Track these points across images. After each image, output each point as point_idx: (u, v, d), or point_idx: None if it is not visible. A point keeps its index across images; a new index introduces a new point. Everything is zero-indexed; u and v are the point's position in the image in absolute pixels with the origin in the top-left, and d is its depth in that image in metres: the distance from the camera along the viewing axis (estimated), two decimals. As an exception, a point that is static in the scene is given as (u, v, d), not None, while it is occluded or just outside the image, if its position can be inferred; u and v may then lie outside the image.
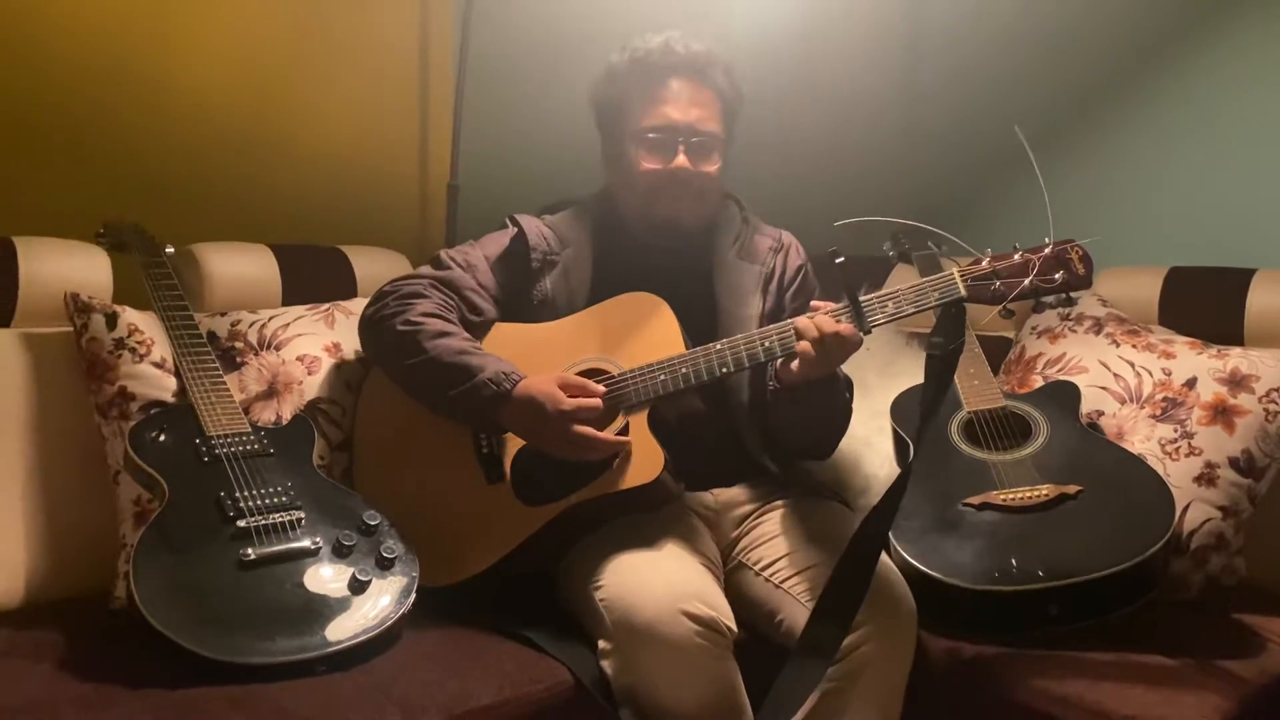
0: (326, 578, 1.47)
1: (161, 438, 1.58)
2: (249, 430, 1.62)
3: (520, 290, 1.76)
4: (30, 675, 1.38)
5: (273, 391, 1.77)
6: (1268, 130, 2.25)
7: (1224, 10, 2.31)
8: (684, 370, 1.58)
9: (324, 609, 1.43)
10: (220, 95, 2.14)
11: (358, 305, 1.89)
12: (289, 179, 2.23)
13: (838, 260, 1.51)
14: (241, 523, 1.48)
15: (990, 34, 2.67)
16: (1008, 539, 1.64)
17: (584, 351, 1.68)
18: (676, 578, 1.51)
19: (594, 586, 1.53)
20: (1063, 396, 1.91)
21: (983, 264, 1.51)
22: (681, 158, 1.71)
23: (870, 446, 1.99)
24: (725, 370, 1.58)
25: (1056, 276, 1.48)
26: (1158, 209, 2.40)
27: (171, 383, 1.70)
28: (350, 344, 1.86)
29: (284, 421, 1.73)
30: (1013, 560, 1.60)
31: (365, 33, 2.32)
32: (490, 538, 1.61)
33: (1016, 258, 1.50)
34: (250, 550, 1.45)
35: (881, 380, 2.06)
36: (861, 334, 1.52)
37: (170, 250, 1.79)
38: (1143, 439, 1.83)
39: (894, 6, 2.85)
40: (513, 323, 1.76)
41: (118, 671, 1.36)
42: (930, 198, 2.73)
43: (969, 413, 1.88)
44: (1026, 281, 1.48)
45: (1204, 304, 2.04)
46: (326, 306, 1.93)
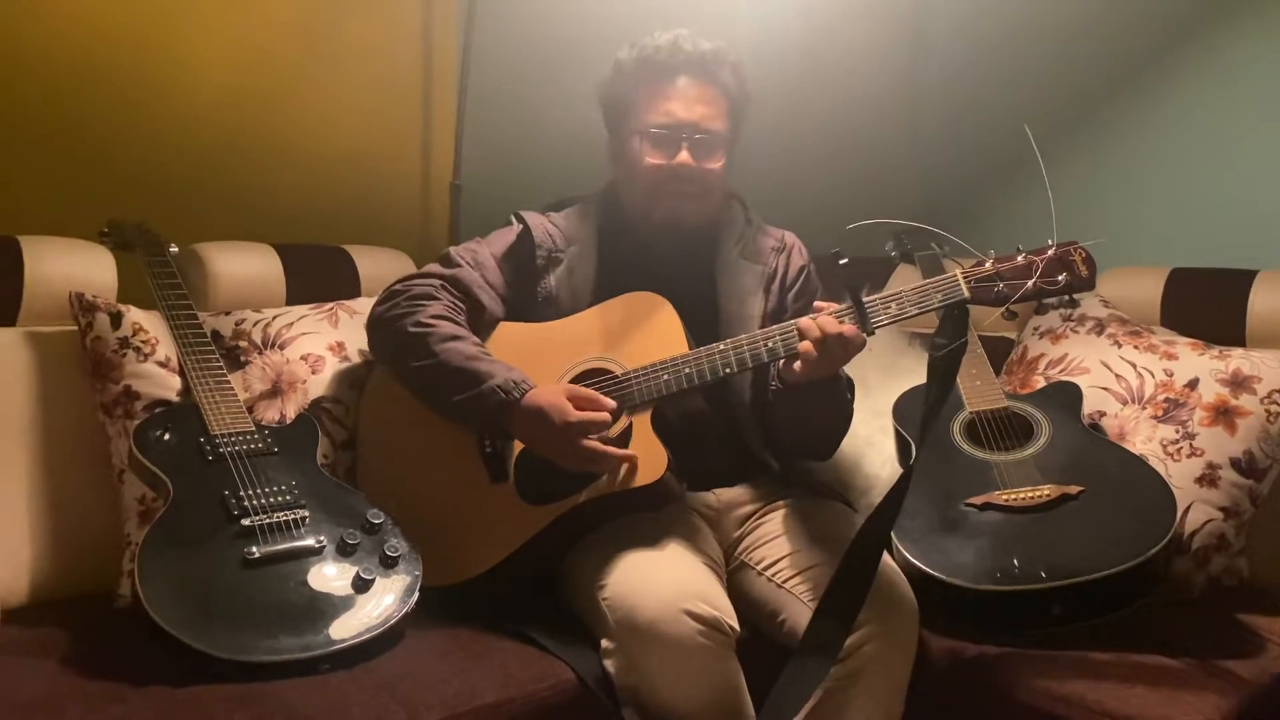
0: (330, 576, 1.47)
1: (166, 437, 1.58)
2: (253, 429, 1.62)
3: (525, 287, 1.76)
4: (35, 673, 1.38)
5: (277, 390, 1.77)
6: (1269, 132, 2.25)
7: (1228, 14, 2.31)
8: (688, 370, 1.58)
9: (328, 607, 1.44)
10: (224, 96, 2.14)
11: (361, 304, 1.89)
12: (293, 179, 2.23)
13: (841, 261, 1.50)
14: (246, 521, 1.48)
15: (994, 36, 2.67)
16: (1010, 539, 1.64)
17: (587, 351, 1.68)
18: (679, 577, 1.51)
19: (597, 586, 1.53)
20: (1064, 397, 1.91)
21: (986, 265, 1.50)
22: (684, 154, 1.70)
23: (872, 446, 1.99)
24: (729, 370, 1.58)
25: (1060, 278, 1.48)
26: (1159, 210, 2.40)
27: (176, 382, 1.70)
28: (354, 343, 1.86)
29: (288, 420, 1.74)
30: (1015, 560, 1.60)
31: (369, 33, 2.32)
32: (493, 537, 1.61)
33: (1020, 259, 1.50)
34: (254, 549, 1.45)
35: (883, 380, 2.06)
36: (865, 335, 1.52)
37: (175, 249, 1.80)
38: (1144, 440, 1.83)
39: (898, 7, 2.85)
40: (517, 322, 1.76)
41: (122, 669, 1.36)
42: (933, 199, 2.73)
43: (971, 413, 1.88)
44: (1030, 283, 1.48)
45: (1206, 305, 2.05)
46: (330, 306, 1.93)
